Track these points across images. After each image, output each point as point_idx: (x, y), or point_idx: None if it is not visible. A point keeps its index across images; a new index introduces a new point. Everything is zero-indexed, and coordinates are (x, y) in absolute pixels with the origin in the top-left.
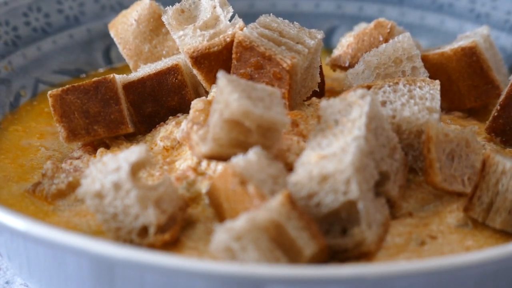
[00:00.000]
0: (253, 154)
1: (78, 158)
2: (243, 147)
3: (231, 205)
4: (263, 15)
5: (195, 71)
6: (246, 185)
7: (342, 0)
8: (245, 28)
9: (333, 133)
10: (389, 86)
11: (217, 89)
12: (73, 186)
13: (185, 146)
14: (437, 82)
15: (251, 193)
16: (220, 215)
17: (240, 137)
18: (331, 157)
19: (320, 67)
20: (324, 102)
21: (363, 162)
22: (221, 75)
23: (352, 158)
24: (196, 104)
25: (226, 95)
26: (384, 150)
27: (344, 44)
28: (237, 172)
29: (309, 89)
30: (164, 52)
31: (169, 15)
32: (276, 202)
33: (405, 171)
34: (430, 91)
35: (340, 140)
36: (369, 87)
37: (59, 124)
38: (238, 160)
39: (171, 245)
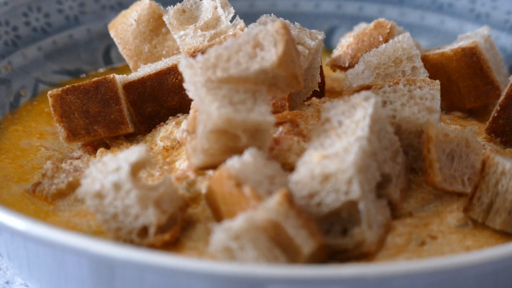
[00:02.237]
0: (248, 156)
1: (78, 158)
2: (236, 151)
3: (228, 208)
4: (263, 15)
5: None
6: (242, 187)
7: (342, 0)
8: (245, 28)
9: (336, 134)
10: (389, 86)
11: (198, 100)
12: (73, 186)
13: (185, 146)
14: (437, 82)
15: (247, 195)
16: (218, 218)
17: (229, 143)
18: (333, 157)
19: (320, 67)
20: (328, 103)
21: (365, 162)
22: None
23: (354, 158)
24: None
25: (207, 106)
26: (386, 153)
27: (344, 44)
28: (232, 174)
29: (309, 89)
30: (164, 52)
31: (170, 15)
32: (273, 201)
33: (407, 174)
34: (430, 91)
35: (342, 141)
36: (369, 87)
37: (59, 124)
38: (234, 162)
39: (171, 245)
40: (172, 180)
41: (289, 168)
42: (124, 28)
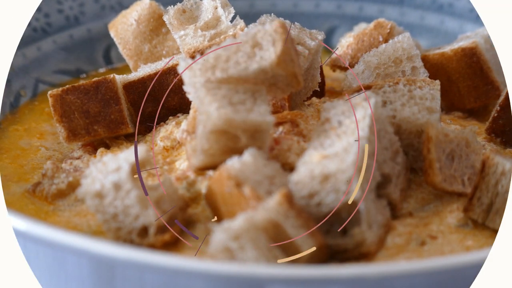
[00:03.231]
0: (248, 156)
1: (78, 158)
2: (235, 152)
3: (228, 208)
4: (263, 15)
5: None
6: (242, 187)
7: (342, 0)
8: (245, 28)
9: (336, 134)
10: (389, 86)
11: (198, 100)
12: (73, 186)
13: (185, 146)
14: (437, 82)
15: (247, 195)
16: (218, 218)
17: (229, 143)
18: (333, 157)
19: (321, 67)
20: (328, 103)
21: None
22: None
23: (354, 158)
24: None
25: (206, 106)
26: (386, 153)
27: (344, 44)
28: (232, 174)
29: (309, 90)
30: (164, 52)
31: (170, 14)
32: (273, 201)
33: (407, 175)
34: (430, 91)
35: (342, 141)
36: (369, 87)
37: (59, 124)
38: (233, 163)
39: (171, 245)
40: (172, 180)
41: (289, 168)
42: (124, 28)
